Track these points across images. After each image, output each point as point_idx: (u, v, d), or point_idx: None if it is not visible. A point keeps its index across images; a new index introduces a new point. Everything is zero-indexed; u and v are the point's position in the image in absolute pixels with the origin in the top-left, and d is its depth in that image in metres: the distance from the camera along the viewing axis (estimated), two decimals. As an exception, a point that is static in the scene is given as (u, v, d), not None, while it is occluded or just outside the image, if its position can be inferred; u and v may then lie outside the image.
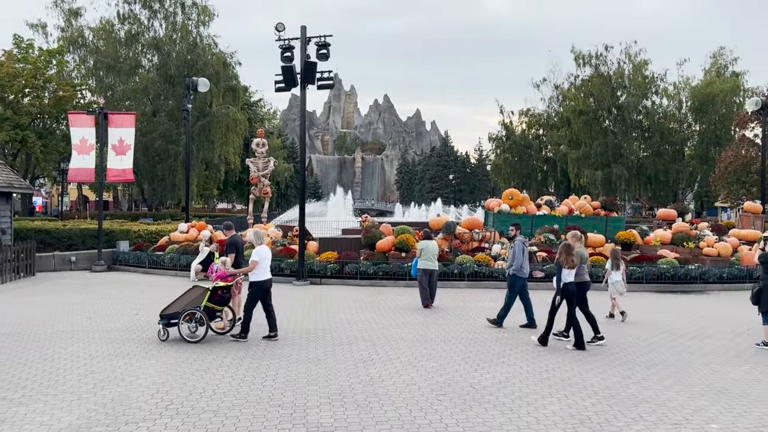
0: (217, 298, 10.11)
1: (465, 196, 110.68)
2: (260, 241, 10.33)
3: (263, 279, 10.07)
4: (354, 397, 7.01)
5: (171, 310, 10.17)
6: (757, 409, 6.66)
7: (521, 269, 11.39)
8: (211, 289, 10.01)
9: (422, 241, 14.57)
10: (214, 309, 10.16)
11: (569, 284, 9.71)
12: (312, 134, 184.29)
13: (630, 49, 52.28)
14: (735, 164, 36.99)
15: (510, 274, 11.56)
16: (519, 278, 11.42)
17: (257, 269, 10.00)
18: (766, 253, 10.17)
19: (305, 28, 17.92)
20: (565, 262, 9.67)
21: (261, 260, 10.01)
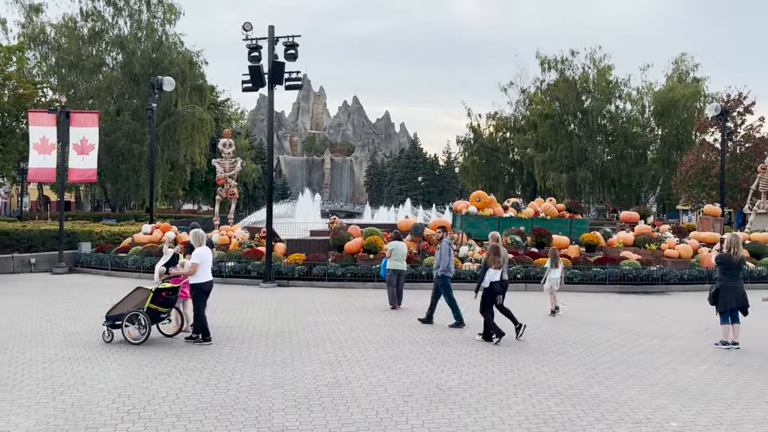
0: (161, 300, 9.97)
1: (434, 198, 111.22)
2: (200, 243, 10.19)
3: (204, 281, 9.95)
4: (320, 399, 6.97)
5: (116, 312, 10.03)
6: (715, 407, 6.83)
7: (448, 269, 11.87)
8: (153, 291, 9.88)
9: (392, 241, 14.67)
10: (158, 311, 10.01)
11: (495, 283, 10.36)
12: (280, 135, 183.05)
13: (594, 54, 53.34)
14: (695, 168, 37.97)
15: (438, 275, 11.97)
16: (447, 278, 11.90)
17: (198, 271, 9.88)
18: (722, 255, 10.45)
19: (273, 28, 17.82)
20: (493, 262, 10.32)
21: (202, 262, 9.89)
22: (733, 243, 10.41)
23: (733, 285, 10.12)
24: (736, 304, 10.08)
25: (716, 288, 10.26)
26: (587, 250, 20.91)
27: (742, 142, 38.13)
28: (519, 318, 10.60)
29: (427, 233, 20.34)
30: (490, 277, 10.35)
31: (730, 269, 10.24)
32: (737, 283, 10.21)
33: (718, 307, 10.22)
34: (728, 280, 10.14)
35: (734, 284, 10.14)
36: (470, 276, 18.12)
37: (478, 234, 22.20)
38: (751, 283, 18.91)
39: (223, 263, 18.72)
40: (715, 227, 24.85)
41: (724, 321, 10.17)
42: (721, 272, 10.32)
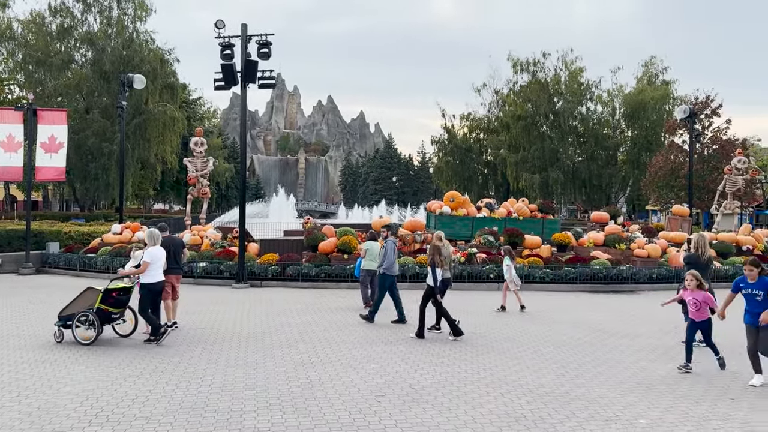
0: (112, 301, 9.88)
1: (408, 198, 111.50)
2: (154, 242, 10.11)
3: (155, 281, 9.87)
4: (292, 400, 6.93)
5: (67, 312, 9.93)
6: (682, 404, 6.96)
7: (391, 268, 12.04)
8: (103, 292, 9.78)
9: (367, 241, 14.66)
10: (109, 311, 9.90)
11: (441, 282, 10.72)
12: (254, 134, 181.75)
13: (566, 57, 53.99)
14: (664, 169, 38.67)
15: (380, 273, 12.19)
16: (388, 276, 12.07)
17: (149, 270, 9.78)
18: (690, 255, 10.66)
19: (246, 26, 17.69)
20: (439, 261, 10.67)
21: (153, 261, 9.81)
22: (701, 243, 10.63)
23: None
24: None
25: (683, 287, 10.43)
26: (559, 250, 21.15)
27: (710, 144, 38.95)
28: (489, 318, 10.66)
29: (401, 233, 20.37)
30: (439, 276, 10.67)
31: (697, 269, 10.43)
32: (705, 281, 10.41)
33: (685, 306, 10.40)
34: None
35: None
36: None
37: (452, 234, 22.28)
38: (718, 282, 19.32)
39: (194, 264, 18.49)
40: (684, 227, 25.34)
41: None
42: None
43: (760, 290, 7.78)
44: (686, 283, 8.62)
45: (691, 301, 8.54)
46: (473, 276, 18.20)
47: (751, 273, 7.88)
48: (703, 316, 8.51)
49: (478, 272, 18.25)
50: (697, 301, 8.49)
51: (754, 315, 7.80)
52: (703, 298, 8.48)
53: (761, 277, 7.82)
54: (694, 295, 8.52)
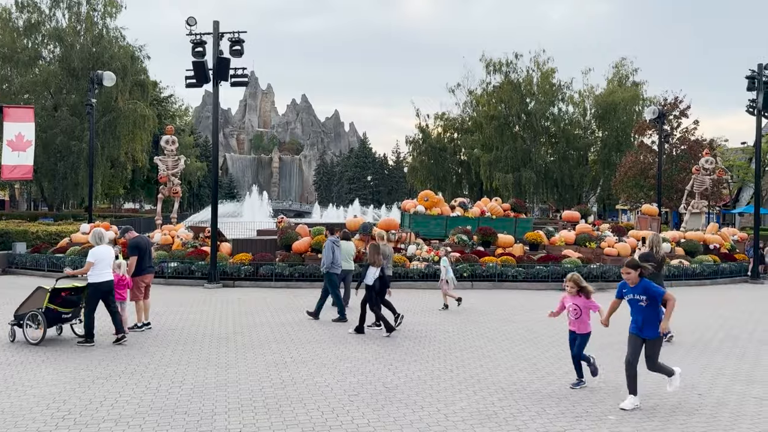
0: (60, 300, 9.77)
1: (383, 198, 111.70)
2: (100, 242, 9.99)
3: (100, 281, 9.74)
4: (265, 401, 6.89)
5: (21, 311, 9.85)
6: (650, 400, 7.08)
7: (333, 266, 12.28)
8: (51, 291, 9.67)
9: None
10: (58, 311, 9.79)
11: (375, 280, 10.86)
12: (227, 133, 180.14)
13: (538, 58, 54.47)
14: (634, 169, 39.29)
15: (324, 272, 12.43)
16: (333, 275, 12.30)
17: (94, 270, 9.66)
18: (644, 253, 10.95)
19: (218, 24, 17.52)
20: (374, 260, 10.84)
21: (97, 261, 9.68)
22: (655, 242, 10.97)
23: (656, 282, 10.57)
24: None
25: None
26: (531, 249, 21.38)
27: (678, 144, 39.71)
28: (463, 317, 10.74)
29: (375, 232, 20.36)
30: (373, 275, 10.85)
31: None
32: (658, 281, 10.72)
33: None
34: (650, 278, 10.58)
35: (656, 281, 10.60)
36: (418, 275, 18.29)
37: (426, 233, 22.40)
38: (686, 279, 19.82)
39: (165, 264, 18.27)
40: (653, 226, 25.79)
41: None
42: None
43: (643, 294, 6.81)
44: (566, 287, 7.58)
45: (571, 307, 7.52)
46: (447, 275, 18.25)
47: (629, 276, 6.88)
48: (584, 328, 7.52)
49: (452, 271, 18.30)
50: (578, 308, 7.49)
51: (638, 323, 6.86)
52: (584, 304, 7.50)
53: (642, 280, 6.86)
54: (575, 300, 7.50)
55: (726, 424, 6.27)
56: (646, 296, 6.80)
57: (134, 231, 11.63)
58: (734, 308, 14.95)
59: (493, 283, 18.19)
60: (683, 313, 13.69)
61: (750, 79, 21.53)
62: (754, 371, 8.52)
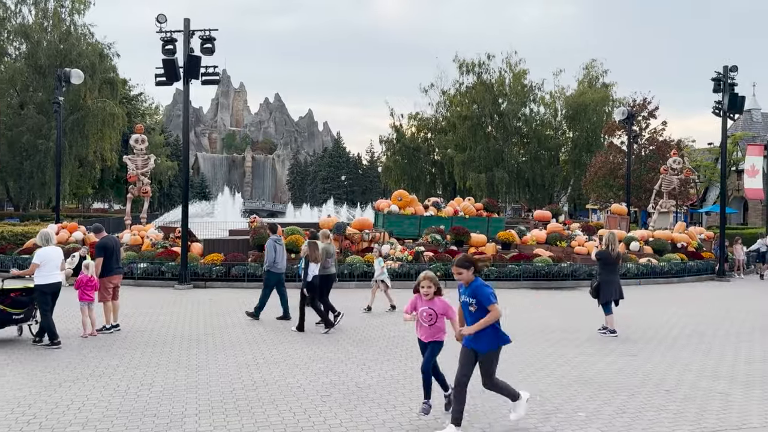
0: (9, 301, 9.63)
1: (357, 197, 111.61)
2: (47, 243, 9.84)
3: (47, 282, 9.57)
4: (236, 402, 6.81)
5: None
6: (620, 397, 7.19)
7: (274, 265, 12.27)
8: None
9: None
10: (8, 312, 9.62)
11: (315, 277, 11.05)
12: (198, 131, 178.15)
13: (510, 59, 54.99)
14: (604, 169, 39.89)
15: (264, 270, 12.48)
16: (273, 273, 12.31)
17: (41, 272, 9.50)
18: (602, 251, 11.21)
19: (189, 21, 17.31)
20: (313, 257, 11.02)
21: (43, 263, 9.52)
22: (611, 240, 11.24)
23: (612, 279, 10.99)
24: (614, 296, 10.90)
25: (597, 282, 11.03)
26: (503, 248, 21.57)
27: (647, 144, 40.41)
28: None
29: (349, 232, 20.35)
30: (312, 272, 11.00)
31: (608, 264, 11.07)
32: (615, 278, 11.09)
33: (601, 300, 10.99)
34: (607, 275, 11.01)
35: (612, 278, 11.02)
36: (392, 274, 18.29)
37: (399, 233, 22.46)
38: (654, 278, 20.19)
39: (135, 264, 17.98)
40: (622, 225, 26.23)
41: (608, 312, 10.93)
42: (600, 267, 11.15)
43: (472, 297, 5.73)
44: (421, 288, 6.23)
45: (425, 312, 6.20)
46: (420, 274, 18.32)
47: (461, 276, 5.76)
48: (438, 336, 6.25)
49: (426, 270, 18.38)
50: (433, 313, 6.19)
51: None
52: (442, 309, 6.22)
53: (476, 280, 5.79)
54: (431, 304, 6.19)
55: (693, 420, 6.39)
56: (475, 299, 5.72)
57: (104, 231, 11.45)
58: (701, 305, 15.28)
59: (465, 282, 18.26)
60: (651, 311, 13.96)
61: (716, 81, 22.02)
62: (719, 367, 8.71)
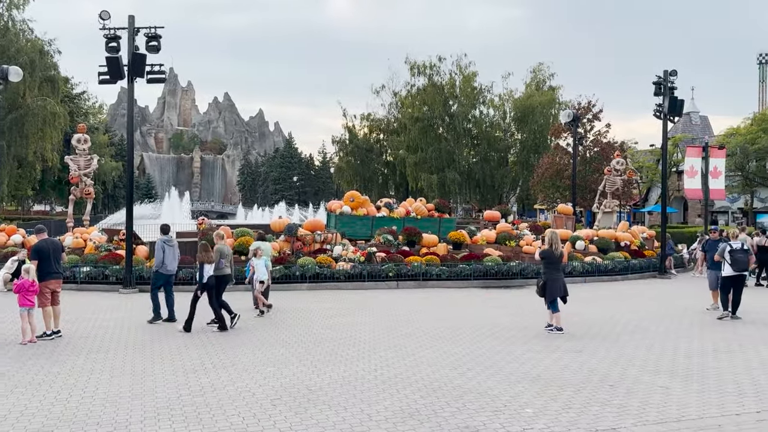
0: None
1: (309, 198, 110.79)
2: None
3: None
4: (182, 408, 6.66)
5: None
6: (566, 392, 7.36)
7: (163, 266, 12.25)
8: None
9: (255, 242, 14.89)
10: None
11: (210, 277, 11.15)
12: (144, 131, 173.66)
13: (461, 61, 55.60)
14: (550, 170, 40.78)
15: (153, 272, 12.57)
16: (161, 275, 12.30)
17: None
18: (545, 250, 11.53)
19: (133, 18, 16.86)
20: (205, 258, 11.10)
21: None
22: (553, 239, 11.59)
23: (557, 277, 11.33)
24: (560, 294, 11.20)
25: (543, 281, 11.33)
26: (454, 248, 21.79)
27: (591, 146, 41.50)
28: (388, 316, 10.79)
29: (301, 233, 20.20)
30: (207, 272, 11.09)
31: (552, 263, 11.39)
32: (559, 275, 11.43)
33: (547, 298, 11.31)
34: (552, 273, 11.38)
35: (557, 276, 11.36)
36: (344, 276, 18.25)
37: (352, 234, 22.43)
38: (599, 275, 20.76)
39: (77, 268, 17.39)
40: (568, 225, 26.88)
41: (555, 309, 11.25)
42: (545, 266, 11.48)
43: None
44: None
45: None
46: (373, 275, 18.38)
47: None
48: None
49: (378, 271, 18.45)
50: None
51: None
52: None
53: None
54: None
55: (635, 414, 6.59)
56: None
57: (46, 233, 11.01)
58: (643, 302, 15.79)
59: (417, 282, 18.41)
60: (596, 308, 14.36)
61: (657, 84, 22.81)
62: (660, 361, 9.02)
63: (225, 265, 11.64)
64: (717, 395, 7.27)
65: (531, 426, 6.16)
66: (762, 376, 8.15)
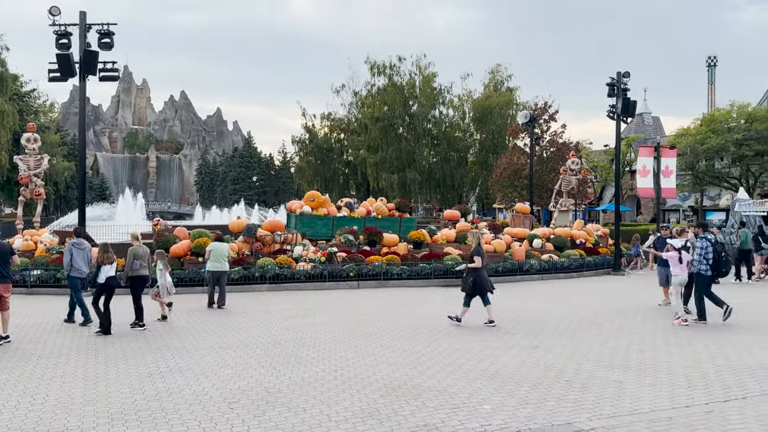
0: None
1: (269, 198, 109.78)
2: None
3: None
4: (137, 413, 6.51)
5: None
6: (523, 388, 7.47)
7: (73, 269, 12.11)
8: None
9: (212, 242, 14.81)
10: None
11: (111, 278, 11.18)
12: (98, 130, 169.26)
13: (420, 62, 55.91)
14: (508, 170, 41.38)
15: (66, 276, 12.41)
16: (74, 278, 12.19)
17: None
18: (476, 248, 11.90)
19: (85, 14, 16.46)
20: (104, 259, 11.09)
21: None
22: (479, 237, 12.26)
23: (484, 273, 11.88)
24: (490, 288, 11.76)
25: (473, 278, 11.72)
26: (415, 247, 21.89)
27: (548, 146, 42.29)
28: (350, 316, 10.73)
29: (260, 234, 20.00)
30: (105, 274, 11.05)
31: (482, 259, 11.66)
32: (485, 271, 11.98)
33: (480, 293, 11.73)
34: (481, 269, 11.76)
35: (484, 272, 11.88)
36: (305, 276, 18.15)
37: (312, 234, 22.30)
38: (555, 273, 21.18)
39: (27, 271, 16.84)
40: (525, 224, 27.31)
41: (488, 302, 11.74)
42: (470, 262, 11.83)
43: None
44: None
45: None
46: (334, 275, 18.33)
47: None
48: None
49: (339, 271, 18.41)
50: None
51: None
52: None
53: None
54: None
55: (590, 408, 6.73)
56: None
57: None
58: (598, 298, 16.16)
59: (378, 282, 18.45)
60: (553, 304, 14.62)
61: (610, 86, 23.39)
62: (614, 356, 9.24)
63: (140, 265, 11.66)
64: (668, 388, 7.49)
65: (489, 422, 6.23)
66: (711, 369, 8.43)
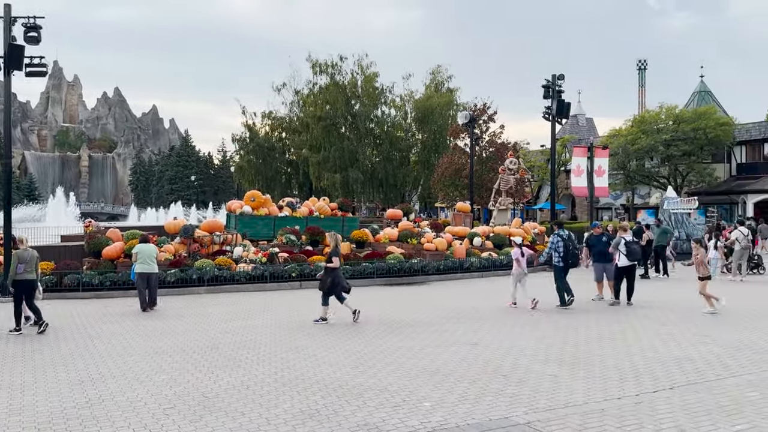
0: None
1: (209, 198, 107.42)
2: None
3: None
4: (66, 422, 6.25)
5: None
6: (462, 384, 7.57)
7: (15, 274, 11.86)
8: None
9: (138, 244, 14.47)
10: None
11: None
12: (26, 128, 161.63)
13: (362, 61, 55.92)
14: (449, 170, 41.96)
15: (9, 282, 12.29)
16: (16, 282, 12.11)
17: None
18: (335, 250, 12.37)
19: (9, 7, 15.68)
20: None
21: None
22: (338, 240, 12.68)
23: (341, 273, 12.35)
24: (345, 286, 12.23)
25: (331, 278, 12.09)
26: (357, 247, 21.91)
27: (487, 146, 43.14)
28: (290, 317, 10.62)
29: (198, 235, 19.55)
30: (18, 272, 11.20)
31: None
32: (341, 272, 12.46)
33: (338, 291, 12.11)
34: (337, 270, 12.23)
35: (341, 273, 12.37)
36: (245, 277, 17.85)
37: (253, 234, 21.96)
38: (495, 270, 21.59)
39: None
40: (466, 222, 27.75)
41: (344, 299, 12.14)
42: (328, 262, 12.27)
43: None
44: None
45: None
46: (275, 276, 18.12)
47: None
48: None
49: (281, 272, 18.21)
50: None
51: None
52: None
53: None
54: None
55: (527, 402, 6.89)
56: None
57: None
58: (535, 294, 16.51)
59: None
60: (492, 301, 14.90)
61: (545, 88, 24.05)
62: (550, 351, 9.48)
63: (26, 270, 11.41)
64: (601, 381, 7.75)
65: (428, 419, 6.29)
66: (641, 361, 8.78)
